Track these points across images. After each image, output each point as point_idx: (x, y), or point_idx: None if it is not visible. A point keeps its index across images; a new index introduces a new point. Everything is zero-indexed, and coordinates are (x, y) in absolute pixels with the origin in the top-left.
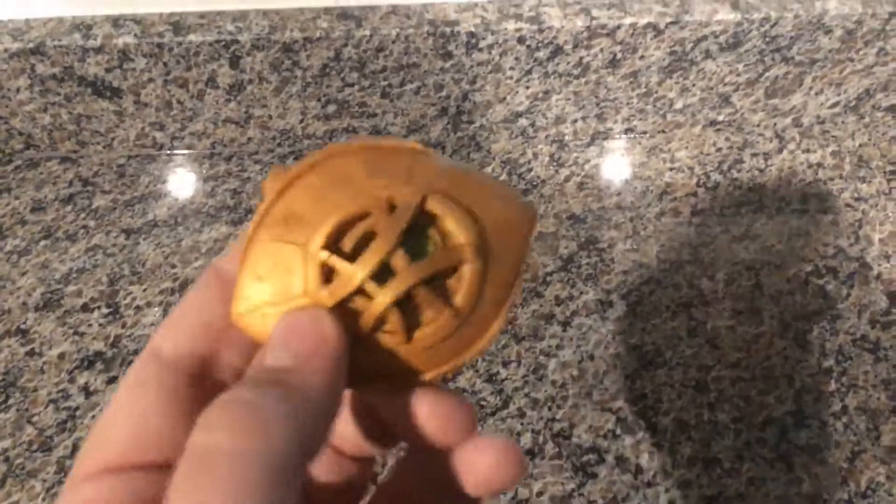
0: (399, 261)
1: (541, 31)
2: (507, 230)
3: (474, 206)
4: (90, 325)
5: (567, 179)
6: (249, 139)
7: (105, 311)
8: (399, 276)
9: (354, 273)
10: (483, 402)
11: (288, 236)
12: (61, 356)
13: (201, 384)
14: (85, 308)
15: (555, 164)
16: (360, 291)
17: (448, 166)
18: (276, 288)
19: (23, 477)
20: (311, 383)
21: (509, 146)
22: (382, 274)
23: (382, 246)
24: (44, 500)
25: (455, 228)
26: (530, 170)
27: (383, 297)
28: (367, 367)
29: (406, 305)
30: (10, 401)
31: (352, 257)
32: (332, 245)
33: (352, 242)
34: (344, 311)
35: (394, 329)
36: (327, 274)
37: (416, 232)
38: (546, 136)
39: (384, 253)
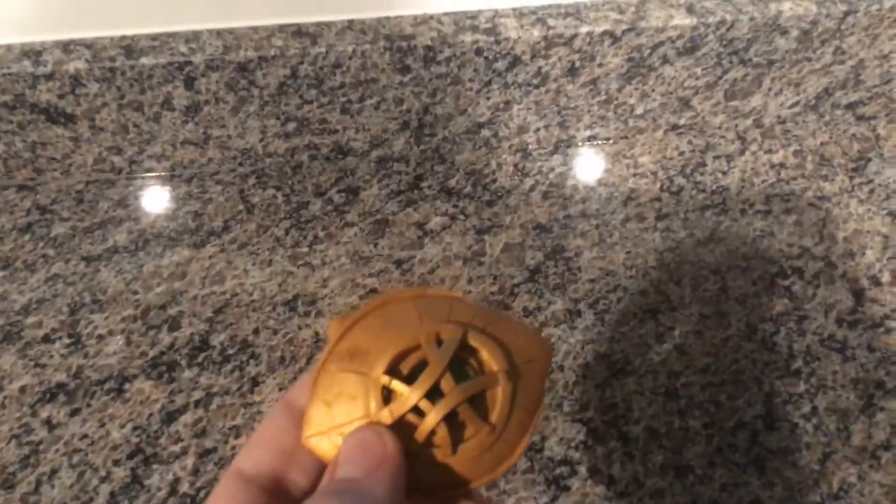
0: (447, 384)
1: (498, 42)
2: (530, 361)
3: (504, 341)
4: (51, 357)
5: (532, 189)
6: (210, 160)
7: (67, 341)
8: (448, 396)
9: (411, 393)
10: None
11: (353, 367)
12: (22, 389)
13: (278, 499)
14: (46, 339)
15: (519, 173)
16: (415, 410)
17: (480, 308)
18: (341, 412)
19: None
20: (377, 491)
21: (473, 157)
22: (432, 396)
23: (434, 371)
24: None
25: (490, 358)
26: (495, 180)
27: (435, 414)
28: (420, 478)
29: (451, 423)
30: None
31: (408, 382)
32: (391, 372)
33: (407, 369)
34: (400, 428)
35: (442, 443)
36: (386, 397)
37: (459, 361)
38: (509, 146)
39: (435, 377)
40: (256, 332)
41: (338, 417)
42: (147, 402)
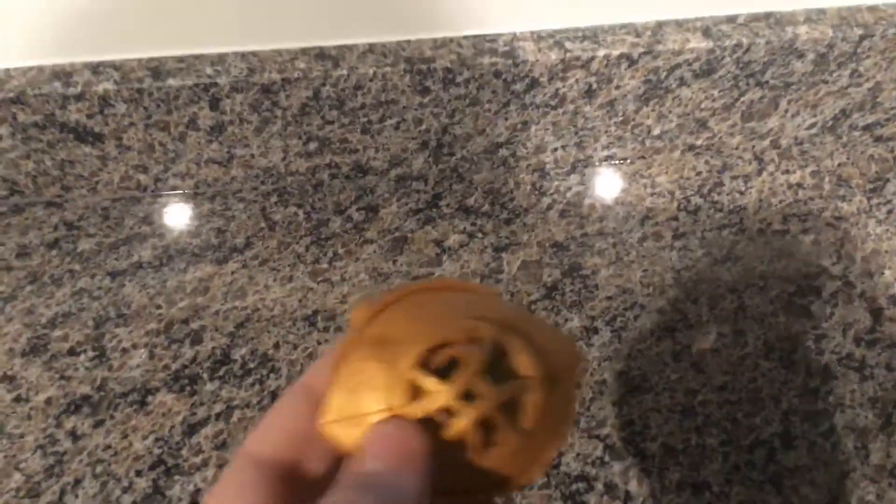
0: (481, 386)
1: (516, 64)
2: (563, 368)
3: (538, 344)
4: (76, 369)
5: (549, 207)
6: (233, 178)
7: (91, 354)
8: (481, 399)
9: (444, 391)
10: None
11: (380, 356)
12: (48, 401)
13: (290, 486)
14: (71, 352)
15: (536, 192)
16: (444, 409)
17: (514, 308)
18: (365, 401)
19: None
20: (405, 487)
21: (491, 176)
22: (463, 396)
23: (469, 371)
24: None
25: (525, 362)
26: (512, 199)
27: (468, 416)
28: (444, 479)
29: (482, 426)
30: None
31: (439, 378)
32: (420, 365)
33: (437, 365)
34: (428, 426)
35: (471, 445)
36: (413, 391)
37: (491, 362)
38: (527, 166)
39: (470, 377)
40: (277, 346)
41: (360, 406)
42: (169, 414)
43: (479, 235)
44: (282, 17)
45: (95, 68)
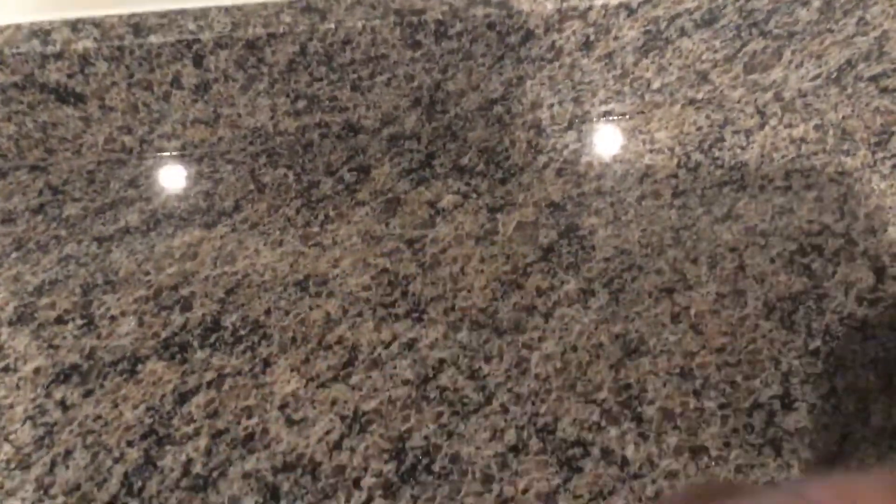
0: None
1: (510, 15)
2: None
3: None
4: (65, 338)
5: (545, 166)
6: (220, 139)
7: (79, 322)
8: None
9: None
10: (465, 400)
11: None
12: (36, 371)
13: None
14: (59, 320)
15: (532, 150)
16: None
17: None
18: None
19: (1, 496)
20: None
21: (486, 134)
22: None
23: None
24: None
25: None
26: (508, 157)
27: None
28: None
29: None
30: None
31: None
32: None
33: None
34: None
35: None
36: None
37: None
38: (523, 123)
39: None
40: (268, 312)
41: None
42: (160, 383)
43: (474, 196)
44: None
45: (74, 25)
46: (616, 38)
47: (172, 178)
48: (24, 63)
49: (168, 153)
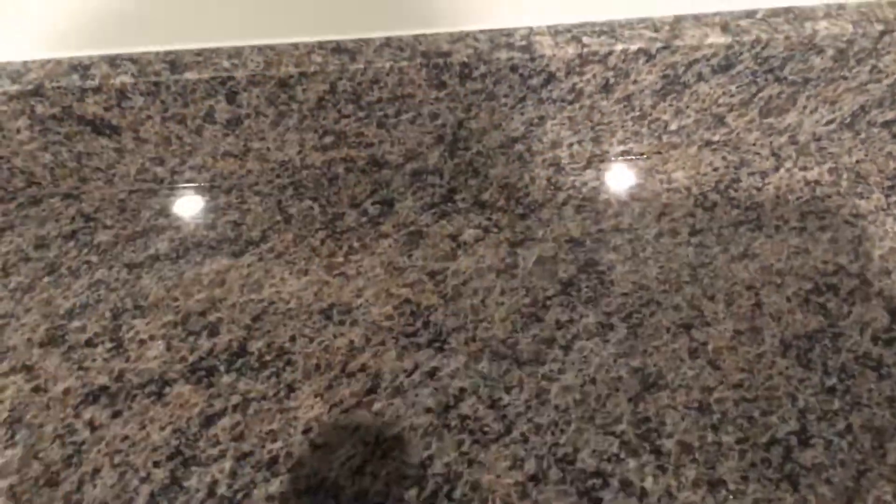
0: None
1: (532, 59)
2: None
3: None
4: (94, 360)
5: (565, 202)
6: (249, 171)
7: (109, 345)
8: None
9: None
10: (486, 429)
11: None
12: (66, 391)
13: None
14: (89, 343)
15: (552, 187)
16: None
17: None
18: None
19: None
20: None
21: (506, 171)
22: None
23: None
24: None
25: None
26: (528, 194)
27: None
28: None
29: None
30: (17, 437)
31: None
32: None
33: None
34: None
35: None
36: None
37: None
38: (543, 160)
39: None
40: (293, 339)
41: None
42: (186, 405)
43: (495, 230)
44: (299, 10)
45: (113, 61)
46: (635, 82)
47: (201, 208)
48: (63, 96)
49: (198, 184)
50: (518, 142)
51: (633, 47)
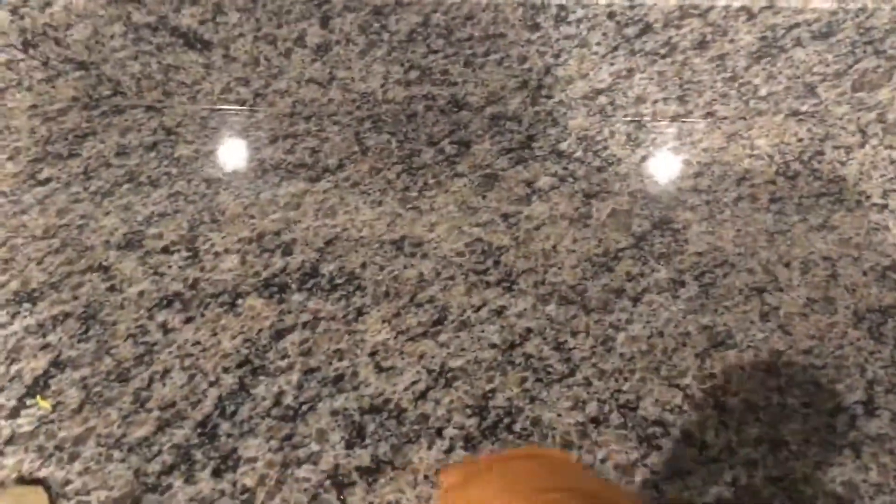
0: None
1: (632, 7)
2: None
3: None
4: (170, 267)
5: (643, 159)
6: (330, 100)
7: (185, 254)
8: None
9: None
10: (550, 369)
11: None
12: (141, 294)
13: None
14: (165, 250)
15: (632, 143)
16: None
17: (593, 478)
18: None
19: (100, 404)
20: None
21: (586, 123)
22: None
23: None
24: (119, 427)
25: None
26: (606, 147)
27: None
28: None
29: None
30: (91, 332)
31: None
32: None
33: None
34: None
35: None
36: None
37: None
38: (625, 116)
39: None
40: (364, 266)
41: None
42: (258, 318)
43: (571, 180)
44: None
45: None
46: (732, 41)
47: (281, 132)
48: (161, 4)
49: (279, 109)
50: (602, 94)
51: (736, 4)
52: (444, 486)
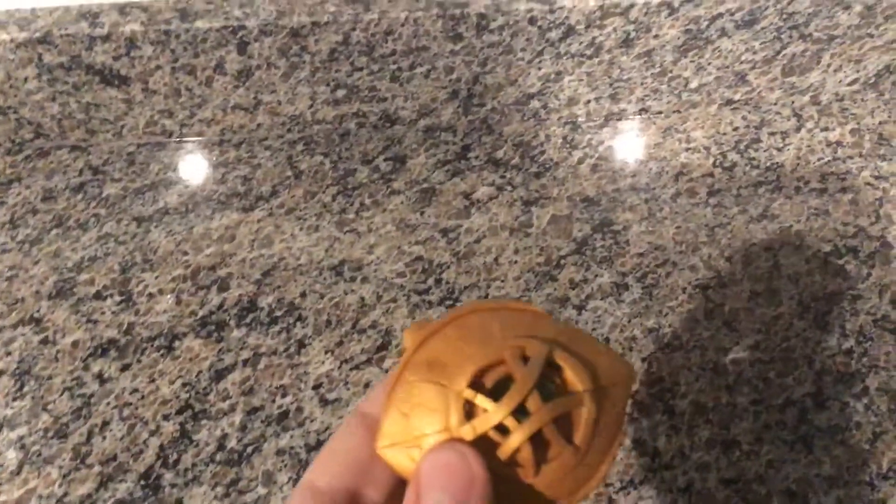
0: (533, 402)
1: (552, 11)
2: (613, 382)
3: (588, 360)
4: (103, 313)
5: (580, 161)
6: (259, 125)
7: (118, 298)
8: (534, 415)
9: (497, 410)
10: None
11: (432, 378)
12: (75, 344)
13: None
14: (98, 296)
15: (568, 146)
16: (498, 427)
17: (562, 326)
18: (420, 423)
19: (39, 464)
20: None
21: (521, 128)
22: (517, 413)
23: (521, 389)
24: (60, 486)
25: (575, 377)
26: (543, 152)
27: (521, 433)
28: (502, 499)
29: (535, 442)
30: (25, 389)
31: (492, 397)
32: (473, 385)
33: (490, 384)
34: (481, 445)
35: (525, 462)
36: (467, 411)
37: (542, 379)
38: (559, 118)
39: (523, 395)
40: (303, 295)
41: (416, 429)
42: (196, 359)
43: (509, 188)
44: None
45: (122, 9)
46: (656, 37)
47: (211, 162)
48: (71, 44)
49: (207, 138)
50: (534, 98)
51: (656, 0)
52: (406, 347)
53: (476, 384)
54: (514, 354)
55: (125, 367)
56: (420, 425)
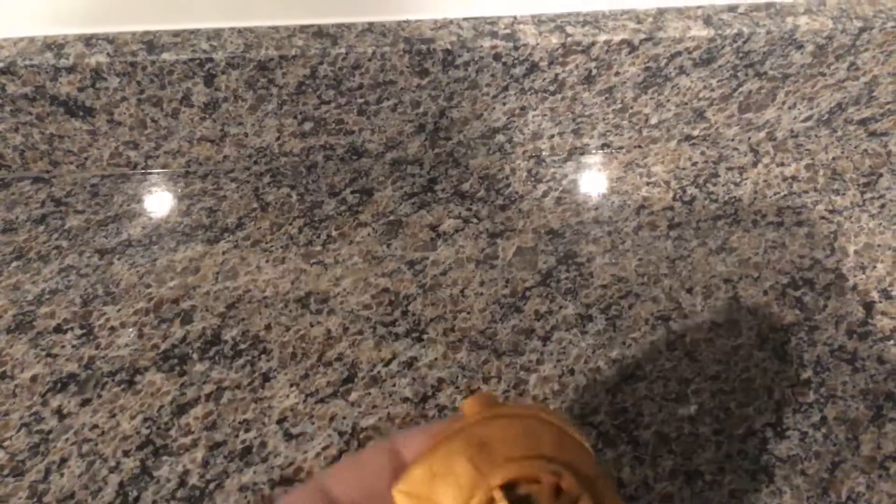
0: None
1: (516, 48)
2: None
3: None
4: (63, 347)
5: (545, 195)
6: (225, 157)
7: (78, 332)
8: None
9: None
10: None
11: (475, 459)
12: (33, 378)
13: None
14: (58, 329)
15: (532, 179)
16: None
17: (601, 470)
18: (442, 489)
19: None
20: None
21: (487, 162)
22: None
23: None
24: None
25: None
26: (508, 185)
27: None
28: None
29: None
30: None
31: None
32: (505, 488)
33: (520, 493)
34: None
35: None
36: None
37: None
38: (523, 152)
39: None
40: (268, 328)
41: (437, 493)
42: (158, 394)
43: (475, 221)
44: None
45: (88, 40)
46: (617, 74)
47: (176, 194)
48: (36, 75)
49: (172, 170)
50: (499, 132)
51: (617, 38)
52: (466, 414)
53: (508, 486)
54: (550, 481)
55: (85, 402)
56: (443, 491)
